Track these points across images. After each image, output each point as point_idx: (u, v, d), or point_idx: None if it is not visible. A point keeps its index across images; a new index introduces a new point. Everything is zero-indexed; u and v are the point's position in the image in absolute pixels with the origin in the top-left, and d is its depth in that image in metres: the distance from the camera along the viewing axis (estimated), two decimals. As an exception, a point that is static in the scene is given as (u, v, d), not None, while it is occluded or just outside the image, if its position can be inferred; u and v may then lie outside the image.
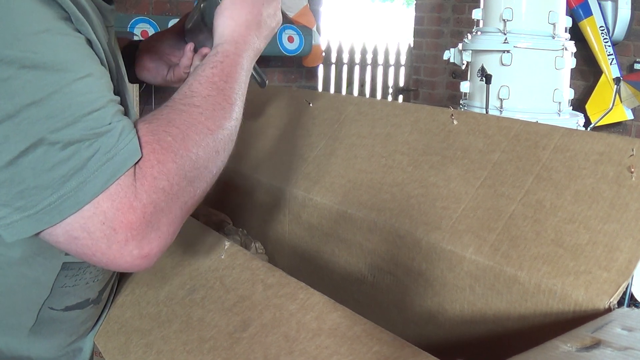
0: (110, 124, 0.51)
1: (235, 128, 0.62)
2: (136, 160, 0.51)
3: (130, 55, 0.92)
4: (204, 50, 0.85)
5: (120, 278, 0.85)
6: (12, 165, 0.48)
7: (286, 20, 3.34)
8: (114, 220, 0.49)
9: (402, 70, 4.69)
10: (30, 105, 0.47)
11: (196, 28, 0.84)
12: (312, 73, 3.88)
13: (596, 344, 0.51)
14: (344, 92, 4.37)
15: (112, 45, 0.64)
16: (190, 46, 0.86)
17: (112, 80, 0.58)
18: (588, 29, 3.29)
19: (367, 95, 4.46)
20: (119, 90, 0.61)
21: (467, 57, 2.35)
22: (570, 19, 2.30)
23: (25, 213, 0.49)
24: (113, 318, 0.80)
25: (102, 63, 0.56)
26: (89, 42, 0.54)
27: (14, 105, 0.47)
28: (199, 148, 0.56)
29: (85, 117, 0.49)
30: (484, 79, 2.20)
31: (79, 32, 0.53)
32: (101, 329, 0.79)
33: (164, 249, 0.54)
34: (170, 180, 0.53)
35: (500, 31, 2.20)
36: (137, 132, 0.53)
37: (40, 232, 0.50)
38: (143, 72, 0.92)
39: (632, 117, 3.39)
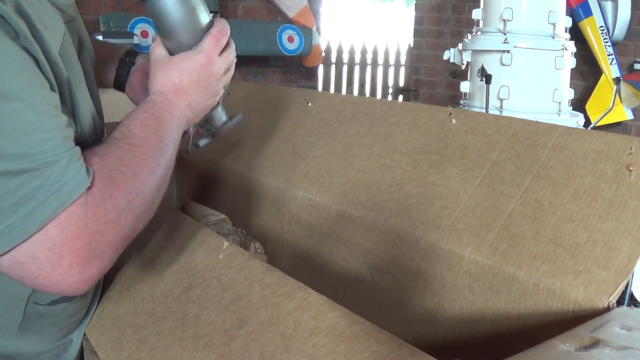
0: (57, 154, 0.52)
1: (169, 168, 0.66)
2: (83, 191, 0.53)
3: (126, 67, 0.91)
4: None
5: (114, 272, 0.85)
6: None
7: (286, 20, 3.34)
8: (61, 246, 0.52)
9: (402, 70, 4.68)
10: None
11: None
12: (312, 73, 3.87)
13: (595, 344, 0.50)
14: (344, 92, 4.36)
15: (70, 46, 0.63)
16: None
17: (65, 89, 0.58)
18: (588, 29, 3.28)
19: (367, 95, 4.45)
20: (74, 96, 0.61)
21: (467, 57, 2.35)
22: (570, 19, 2.29)
23: None
24: (107, 313, 0.79)
25: (50, 82, 0.56)
26: (37, 62, 0.54)
27: None
28: (145, 186, 0.60)
29: (34, 147, 0.51)
30: (484, 79, 2.19)
31: (28, 51, 0.53)
32: (94, 323, 0.79)
33: (101, 275, 0.57)
34: (119, 214, 0.56)
35: (500, 31, 2.20)
36: (91, 165, 0.56)
37: None
38: (131, 92, 0.91)
39: (632, 117, 3.39)
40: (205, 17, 0.73)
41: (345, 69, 4.45)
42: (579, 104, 3.37)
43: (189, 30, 0.72)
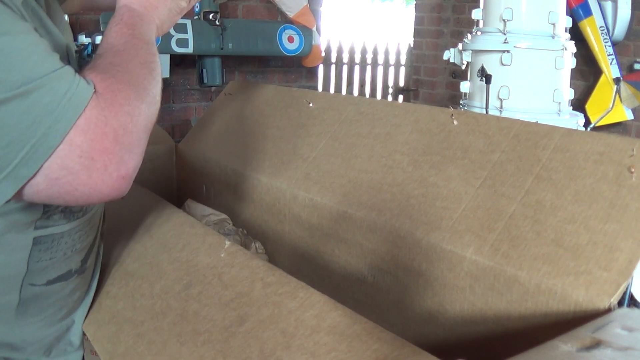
0: (55, 70, 0.54)
1: (157, 63, 0.67)
2: (92, 93, 0.55)
3: None
4: None
5: (113, 267, 0.85)
6: None
7: (286, 20, 3.34)
8: (90, 150, 0.54)
9: (402, 70, 4.68)
10: None
11: None
12: (312, 73, 3.87)
13: (596, 344, 0.51)
14: (344, 92, 4.36)
15: (43, 17, 0.65)
16: None
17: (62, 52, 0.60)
18: (588, 29, 3.28)
19: (367, 95, 4.45)
20: (72, 63, 0.63)
21: (467, 57, 2.35)
22: (570, 19, 2.29)
23: (2, 174, 0.52)
24: (105, 308, 0.79)
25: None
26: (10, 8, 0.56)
27: None
28: (141, 77, 0.62)
29: (34, 69, 0.52)
30: (484, 79, 2.19)
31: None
32: (92, 317, 0.79)
33: (137, 170, 0.59)
34: (132, 104, 0.58)
35: (500, 31, 2.20)
36: (86, 76, 0.57)
37: (22, 188, 0.53)
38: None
39: (632, 117, 3.38)
40: None
41: (345, 69, 4.45)
42: (579, 104, 3.37)
43: None
